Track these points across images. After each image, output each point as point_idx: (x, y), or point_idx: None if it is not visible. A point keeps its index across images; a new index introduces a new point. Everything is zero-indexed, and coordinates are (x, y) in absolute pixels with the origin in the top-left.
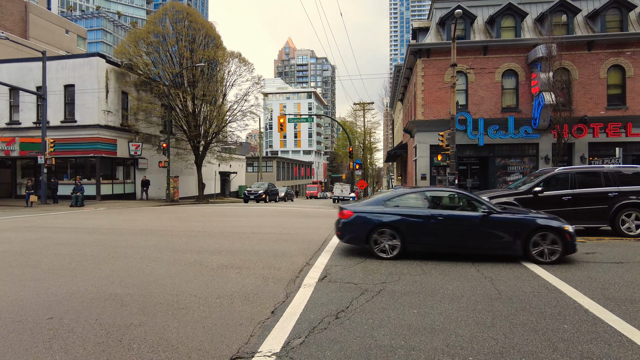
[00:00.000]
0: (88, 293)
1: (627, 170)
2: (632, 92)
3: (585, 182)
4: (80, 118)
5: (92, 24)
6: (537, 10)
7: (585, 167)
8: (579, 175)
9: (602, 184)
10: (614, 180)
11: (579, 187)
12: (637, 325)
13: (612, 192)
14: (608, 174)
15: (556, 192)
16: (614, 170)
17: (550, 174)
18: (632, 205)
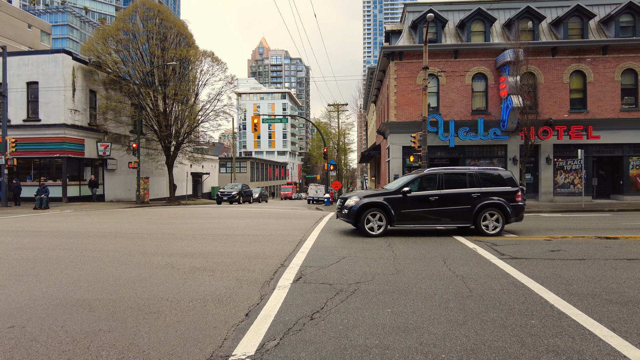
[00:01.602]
0: (53, 299)
1: (491, 172)
2: (592, 96)
3: (452, 183)
4: (45, 117)
5: (57, 19)
6: (505, 16)
7: (453, 168)
8: (446, 175)
9: (467, 184)
10: (478, 181)
11: (446, 187)
12: (597, 318)
13: (475, 193)
14: (473, 175)
15: (424, 192)
16: (478, 171)
17: (420, 174)
18: (492, 205)
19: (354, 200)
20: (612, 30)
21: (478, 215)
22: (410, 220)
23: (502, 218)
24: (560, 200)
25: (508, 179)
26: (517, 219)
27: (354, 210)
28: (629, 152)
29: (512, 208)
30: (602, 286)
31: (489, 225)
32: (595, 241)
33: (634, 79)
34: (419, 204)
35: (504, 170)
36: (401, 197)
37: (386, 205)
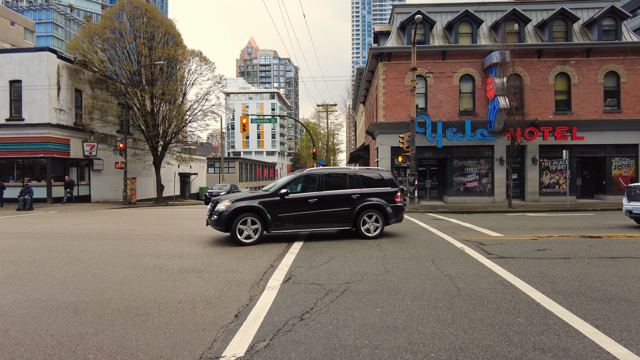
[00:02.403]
0: (38, 302)
1: (372, 173)
2: (577, 98)
3: (333, 184)
4: (29, 116)
5: (41, 17)
6: (492, 18)
7: (333, 168)
8: (327, 176)
9: (347, 185)
10: (359, 182)
11: (327, 188)
12: (582, 316)
13: (355, 194)
14: (354, 176)
15: (303, 194)
16: (359, 172)
17: (299, 175)
18: (372, 207)
19: (225, 205)
20: (595, 34)
21: (358, 217)
22: (289, 225)
23: (382, 219)
24: (546, 200)
25: (389, 179)
26: (397, 219)
27: (224, 215)
28: (611, 152)
29: (392, 209)
30: (586, 284)
31: (369, 227)
32: (580, 240)
33: (616, 82)
34: (298, 206)
35: (386, 170)
36: (279, 199)
37: (262, 210)
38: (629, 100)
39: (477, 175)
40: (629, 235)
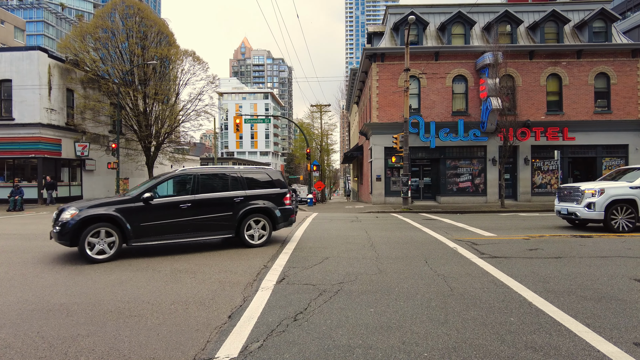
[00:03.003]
0: (29, 304)
1: (258, 173)
2: (568, 99)
3: (211, 186)
4: (19, 116)
5: (32, 15)
6: (484, 20)
7: (212, 168)
8: (204, 177)
9: (229, 187)
10: (242, 183)
11: (203, 191)
12: (573, 314)
13: (238, 197)
14: (237, 177)
15: (172, 198)
16: (244, 172)
17: (169, 176)
18: (258, 211)
19: (71, 213)
20: (586, 35)
21: (242, 222)
22: (155, 235)
23: (269, 224)
24: (538, 200)
25: (276, 180)
26: (287, 223)
27: (69, 226)
28: (602, 153)
29: (281, 212)
30: (577, 283)
31: (254, 234)
32: (571, 240)
33: (607, 83)
34: (167, 213)
35: (274, 170)
36: (142, 205)
37: (119, 218)
38: (618, 102)
39: (470, 175)
40: (619, 235)
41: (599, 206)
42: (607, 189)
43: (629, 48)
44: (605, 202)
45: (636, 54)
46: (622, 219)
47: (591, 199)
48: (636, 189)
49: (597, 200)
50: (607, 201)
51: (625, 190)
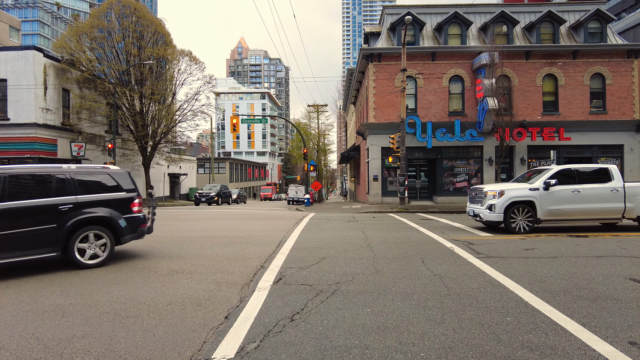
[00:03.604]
0: (24, 305)
1: (97, 175)
2: (564, 99)
3: (28, 191)
4: (15, 116)
5: (27, 15)
6: (481, 20)
7: (29, 167)
8: (15, 179)
9: (53, 192)
10: (74, 187)
11: (14, 198)
12: (569, 314)
13: (65, 204)
14: (66, 179)
15: None
16: (76, 173)
17: None
18: (93, 221)
19: None
20: (582, 36)
21: (71, 237)
22: None
23: (110, 238)
24: None
25: (122, 182)
26: (135, 235)
27: None
28: (597, 153)
29: (127, 221)
30: (573, 283)
31: (87, 250)
32: (567, 239)
33: (602, 83)
34: None
35: (120, 170)
36: None
37: None
38: (614, 102)
39: (466, 175)
40: (614, 234)
41: (498, 208)
42: (507, 191)
43: (624, 49)
44: (505, 203)
45: (631, 55)
46: (521, 220)
47: (492, 201)
48: (535, 190)
49: (497, 202)
50: (506, 203)
51: (524, 192)
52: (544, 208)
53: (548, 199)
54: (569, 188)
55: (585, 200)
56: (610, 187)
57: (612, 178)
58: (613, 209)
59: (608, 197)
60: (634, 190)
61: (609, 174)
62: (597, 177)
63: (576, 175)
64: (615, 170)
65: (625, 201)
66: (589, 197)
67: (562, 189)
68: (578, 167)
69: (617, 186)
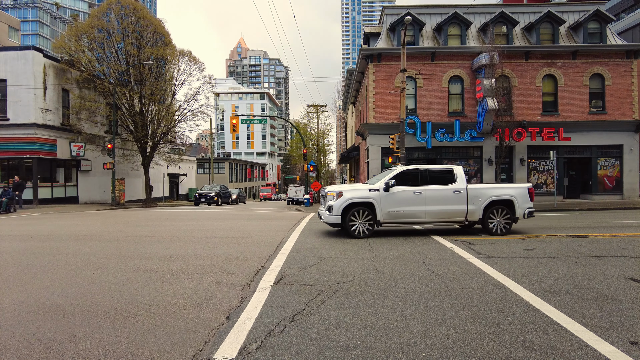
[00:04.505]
0: (24, 305)
1: None
2: (563, 99)
3: None
4: (14, 116)
5: (27, 15)
6: (480, 20)
7: None
8: None
9: None
10: None
11: None
12: (570, 314)
13: None
14: None
15: None
16: None
17: None
18: None
19: None
20: (581, 36)
21: None
22: None
23: None
24: (534, 200)
25: None
26: None
27: None
28: (597, 153)
29: None
30: (573, 283)
31: None
32: (567, 239)
33: (601, 84)
34: None
35: None
36: None
37: None
38: (613, 102)
39: (466, 175)
40: (614, 235)
41: (336, 209)
42: (346, 192)
43: (623, 49)
44: (342, 205)
45: (630, 55)
46: (361, 223)
47: (331, 202)
48: (375, 191)
49: (335, 204)
50: (344, 204)
51: (363, 193)
52: (384, 210)
53: (388, 201)
54: (411, 189)
55: (427, 202)
56: (453, 189)
57: (456, 179)
58: (455, 211)
59: (450, 199)
60: (477, 192)
61: (453, 175)
62: (443, 178)
63: (421, 176)
64: (459, 171)
65: (468, 203)
66: (432, 198)
67: (403, 190)
68: (424, 168)
69: (460, 188)
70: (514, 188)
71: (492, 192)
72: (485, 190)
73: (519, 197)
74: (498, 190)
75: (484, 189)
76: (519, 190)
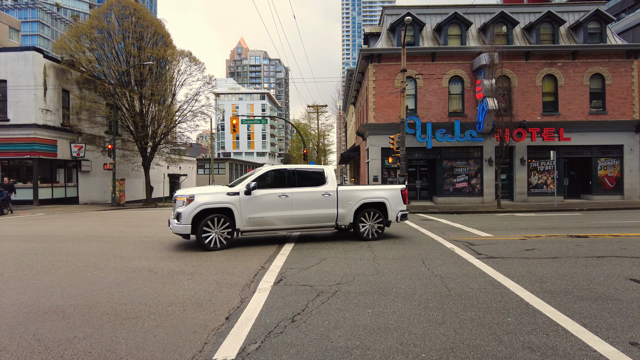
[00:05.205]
0: (24, 306)
1: None
2: (563, 99)
3: None
4: (15, 117)
5: (27, 15)
6: (480, 20)
7: None
8: None
9: None
10: None
11: None
12: (570, 314)
13: None
14: None
15: None
16: None
17: None
18: None
19: None
20: (581, 36)
21: None
22: None
23: None
24: (534, 200)
25: None
26: None
27: None
28: (597, 153)
29: None
30: (573, 283)
31: None
32: (567, 240)
33: (602, 84)
34: None
35: None
36: None
37: None
38: (613, 102)
39: (466, 175)
40: (614, 235)
41: (185, 217)
42: (198, 196)
43: (623, 49)
44: (193, 212)
45: (631, 55)
46: (217, 233)
47: (180, 209)
48: (234, 195)
49: (184, 210)
50: (195, 211)
51: (220, 197)
52: (245, 216)
53: (250, 206)
54: (276, 192)
55: (294, 206)
56: (323, 191)
57: (326, 181)
58: (325, 215)
59: (320, 202)
60: (348, 194)
61: (324, 176)
62: (313, 179)
63: (289, 178)
64: (330, 171)
65: (338, 207)
66: (299, 202)
67: (267, 193)
68: (292, 168)
69: (330, 190)
70: (387, 190)
71: (364, 194)
72: (356, 192)
73: (391, 199)
74: (370, 192)
75: (355, 191)
76: (392, 192)
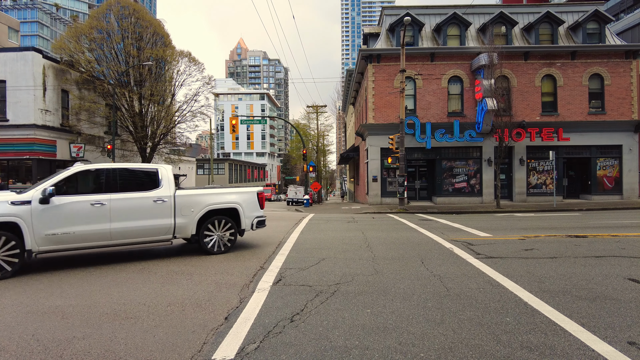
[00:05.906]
0: (23, 306)
1: None
2: (562, 100)
3: None
4: (13, 117)
5: (26, 15)
6: (479, 21)
7: None
8: None
9: None
10: None
11: None
12: (568, 314)
13: None
14: None
15: None
16: None
17: None
18: None
19: None
20: (580, 37)
21: None
22: None
23: None
24: (533, 200)
25: None
26: None
27: None
28: (596, 153)
29: None
30: (572, 283)
31: None
32: (566, 240)
33: (601, 84)
34: None
35: None
36: None
37: None
38: (612, 102)
39: (465, 176)
40: (613, 235)
41: None
42: None
43: (622, 49)
44: None
45: (629, 55)
46: None
47: None
48: (25, 204)
49: None
50: None
51: (3, 208)
52: (41, 233)
53: (48, 218)
54: (87, 199)
55: (114, 216)
56: (155, 197)
57: (161, 184)
58: (157, 227)
59: (150, 211)
60: (188, 200)
61: (157, 177)
62: (142, 182)
63: (108, 180)
64: (165, 172)
65: (175, 215)
66: (121, 212)
67: (74, 200)
68: (113, 168)
69: (164, 195)
70: (240, 193)
71: (210, 199)
72: (200, 197)
73: (245, 204)
74: (218, 196)
75: (198, 195)
76: (246, 196)
